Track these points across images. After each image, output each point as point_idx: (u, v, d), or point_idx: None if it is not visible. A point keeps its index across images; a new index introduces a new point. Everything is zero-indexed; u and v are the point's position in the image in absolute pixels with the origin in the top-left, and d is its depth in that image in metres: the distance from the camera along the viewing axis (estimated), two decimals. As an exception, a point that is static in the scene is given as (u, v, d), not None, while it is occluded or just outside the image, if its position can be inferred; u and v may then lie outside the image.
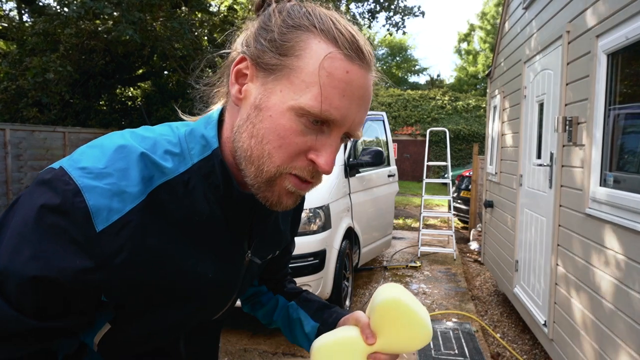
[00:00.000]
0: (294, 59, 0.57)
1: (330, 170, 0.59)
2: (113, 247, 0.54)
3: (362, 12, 11.32)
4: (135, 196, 0.56)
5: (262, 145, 0.58)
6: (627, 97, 2.16)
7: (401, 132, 19.28)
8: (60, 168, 0.55)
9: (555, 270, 2.85)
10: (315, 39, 0.57)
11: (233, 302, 0.82)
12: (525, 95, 3.75)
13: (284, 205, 0.63)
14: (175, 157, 0.61)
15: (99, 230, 0.53)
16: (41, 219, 0.52)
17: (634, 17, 1.96)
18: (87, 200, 0.52)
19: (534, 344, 3.45)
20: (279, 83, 0.58)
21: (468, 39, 31.04)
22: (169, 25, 7.13)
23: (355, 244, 4.31)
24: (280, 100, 0.57)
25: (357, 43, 0.58)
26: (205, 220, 0.63)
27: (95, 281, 0.55)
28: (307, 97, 0.56)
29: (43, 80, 6.32)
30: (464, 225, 8.32)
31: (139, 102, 11.29)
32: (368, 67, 0.60)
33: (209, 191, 0.63)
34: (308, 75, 0.56)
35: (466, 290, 4.72)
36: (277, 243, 0.85)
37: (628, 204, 1.97)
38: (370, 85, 0.61)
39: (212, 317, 0.79)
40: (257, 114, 0.59)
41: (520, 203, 3.75)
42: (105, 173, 0.54)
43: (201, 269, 0.65)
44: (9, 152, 5.86)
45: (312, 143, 0.59)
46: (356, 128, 0.61)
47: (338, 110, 0.57)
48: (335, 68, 0.56)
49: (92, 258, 0.53)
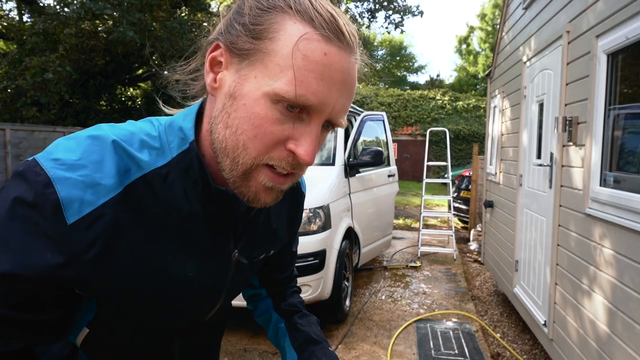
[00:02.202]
0: (267, 42, 0.53)
1: (310, 160, 0.55)
2: (84, 241, 0.52)
3: (361, 12, 11.32)
4: (110, 189, 0.53)
5: (237, 136, 0.55)
6: (627, 97, 2.16)
7: (401, 132, 19.27)
8: (33, 159, 0.53)
9: (555, 270, 2.85)
10: (290, 20, 0.53)
11: (224, 303, 0.79)
12: (525, 95, 3.75)
13: (262, 202, 0.59)
14: (153, 151, 0.59)
15: (70, 223, 0.51)
16: (13, 211, 0.51)
17: (634, 17, 1.96)
18: (58, 191, 0.50)
19: (534, 344, 3.45)
20: (253, 68, 0.54)
21: (467, 40, 31.04)
22: (168, 25, 7.13)
23: (355, 244, 4.31)
24: (254, 87, 0.54)
25: (337, 23, 0.54)
26: (185, 217, 0.61)
27: (66, 276, 0.53)
28: (282, 81, 0.52)
29: (42, 80, 6.32)
30: (464, 225, 8.32)
31: (139, 102, 11.29)
32: (349, 49, 0.55)
33: (189, 186, 0.60)
34: (282, 59, 0.52)
35: (466, 290, 4.72)
36: (270, 242, 0.81)
37: (628, 204, 1.97)
38: (353, 70, 0.56)
39: (203, 318, 0.77)
40: (232, 103, 0.55)
41: (520, 203, 3.74)
42: (79, 164, 0.52)
43: (180, 268, 0.63)
44: (9, 152, 5.86)
45: (290, 132, 0.54)
46: (338, 115, 0.56)
47: (315, 95, 0.52)
48: (311, 50, 0.52)
49: (62, 253, 0.51)
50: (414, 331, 3.62)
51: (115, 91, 11.12)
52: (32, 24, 7.80)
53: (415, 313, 4.03)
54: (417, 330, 3.63)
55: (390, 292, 4.60)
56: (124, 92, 11.87)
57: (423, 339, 3.46)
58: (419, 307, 4.20)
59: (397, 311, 4.07)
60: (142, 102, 10.89)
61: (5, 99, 7.05)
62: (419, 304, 4.28)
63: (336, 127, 0.59)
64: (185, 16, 8.38)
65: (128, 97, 11.97)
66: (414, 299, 4.42)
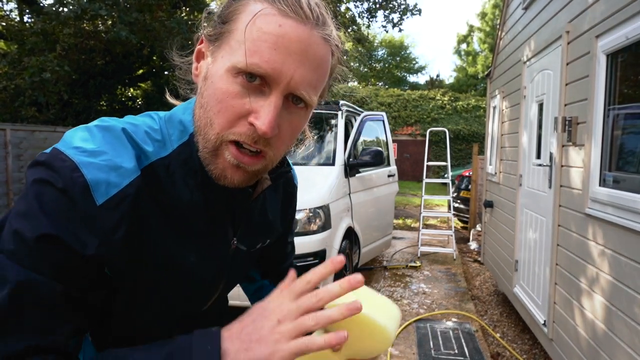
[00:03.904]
0: (231, 24, 0.58)
1: (268, 131, 0.55)
2: (112, 221, 0.54)
3: (361, 12, 11.32)
4: (131, 171, 0.56)
5: (207, 113, 0.58)
6: (626, 97, 2.16)
7: (401, 132, 19.28)
8: (54, 149, 0.55)
9: (555, 270, 2.85)
10: (253, 2, 0.57)
11: (221, 294, 0.80)
12: (525, 95, 3.75)
13: (229, 179, 0.60)
14: (156, 142, 0.62)
15: (99, 204, 0.53)
16: (42, 196, 0.52)
17: (634, 17, 1.96)
18: (85, 174, 0.52)
19: (533, 344, 3.45)
20: (221, 50, 0.58)
21: (467, 40, 31.05)
22: (167, 24, 7.13)
23: (355, 244, 4.31)
24: (220, 66, 0.57)
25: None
26: (186, 206, 0.63)
27: (100, 257, 0.54)
28: (238, 54, 0.55)
29: (40, 80, 6.31)
30: (464, 225, 8.32)
31: (139, 102, 11.30)
32: (309, 23, 0.56)
33: (189, 176, 0.63)
34: (241, 34, 0.55)
35: (466, 290, 4.72)
36: (266, 232, 0.84)
37: (628, 204, 1.97)
38: (316, 43, 0.57)
39: (199, 309, 0.78)
40: (204, 84, 0.60)
41: (520, 203, 3.75)
42: (99, 151, 0.55)
43: (182, 255, 0.65)
44: (10, 152, 5.86)
45: (250, 105, 0.56)
46: (298, 86, 0.56)
47: (268, 63, 0.54)
48: (266, 22, 0.54)
49: (95, 234, 0.53)
50: (414, 331, 3.63)
51: (115, 91, 11.11)
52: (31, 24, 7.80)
53: (415, 313, 4.03)
54: (417, 330, 3.64)
55: (390, 292, 4.60)
56: (124, 92, 11.87)
57: (423, 339, 3.47)
58: (419, 307, 4.20)
59: (397, 311, 4.07)
60: (142, 102, 10.89)
61: (5, 98, 7.05)
62: (419, 303, 4.28)
63: (304, 102, 0.59)
64: (185, 16, 8.38)
65: (128, 97, 11.97)
66: (414, 298, 4.42)
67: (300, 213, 3.38)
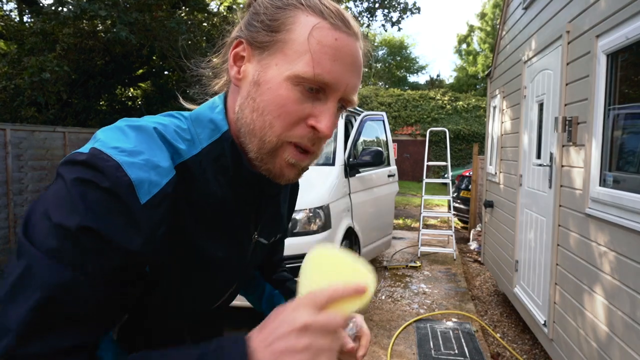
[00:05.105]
0: (285, 34, 0.61)
1: (330, 133, 0.62)
2: (155, 219, 0.55)
3: (360, 12, 11.31)
4: (168, 170, 0.58)
5: (264, 117, 0.61)
6: (626, 97, 2.16)
7: (401, 132, 19.27)
8: (94, 148, 0.54)
9: (555, 270, 2.85)
10: (303, 13, 0.62)
11: (235, 288, 0.82)
12: (525, 95, 3.75)
13: (286, 177, 0.65)
14: (186, 141, 0.64)
15: (143, 203, 0.54)
16: (85, 195, 0.51)
17: (634, 17, 1.96)
18: (129, 174, 0.53)
19: (534, 344, 3.45)
20: (274, 57, 0.62)
21: (467, 40, 31.02)
22: (167, 24, 7.12)
23: (355, 244, 4.31)
24: (277, 73, 0.61)
25: (342, 15, 0.63)
26: (218, 202, 0.66)
27: (144, 255, 0.55)
28: (301, 64, 0.59)
29: (39, 80, 6.30)
30: (464, 225, 8.32)
31: (139, 102, 11.30)
32: (355, 36, 0.64)
33: (220, 173, 0.66)
34: (299, 45, 0.60)
35: (466, 290, 4.72)
36: (280, 225, 0.88)
37: (628, 204, 1.97)
38: (359, 53, 0.64)
39: (215, 303, 0.79)
40: (257, 89, 0.62)
41: (520, 203, 3.75)
42: (136, 151, 0.56)
43: (212, 250, 0.67)
44: (10, 152, 5.85)
45: (310, 110, 0.61)
46: (350, 93, 0.64)
47: (330, 73, 0.60)
48: (324, 36, 0.60)
49: (141, 232, 0.54)
50: (414, 331, 3.63)
51: (115, 91, 11.10)
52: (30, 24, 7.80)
53: (415, 313, 4.03)
54: (417, 330, 3.64)
55: (390, 292, 4.60)
56: (124, 92, 11.86)
57: (423, 339, 3.47)
58: (419, 307, 4.20)
59: (397, 311, 4.07)
60: (142, 102, 10.89)
61: (5, 98, 7.04)
62: (419, 304, 4.28)
63: (348, 106, 0.67)
64: (185, 16, 8.37)
65: (128, 97, 11.96)
66: (414, 299, 4.42)
67: (300, 213, 3.38)
